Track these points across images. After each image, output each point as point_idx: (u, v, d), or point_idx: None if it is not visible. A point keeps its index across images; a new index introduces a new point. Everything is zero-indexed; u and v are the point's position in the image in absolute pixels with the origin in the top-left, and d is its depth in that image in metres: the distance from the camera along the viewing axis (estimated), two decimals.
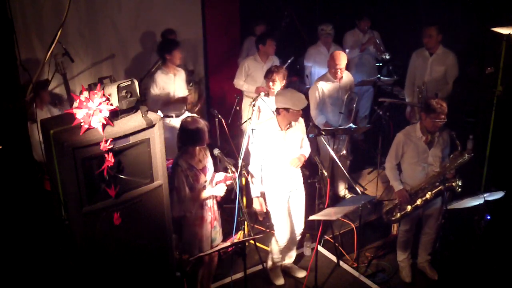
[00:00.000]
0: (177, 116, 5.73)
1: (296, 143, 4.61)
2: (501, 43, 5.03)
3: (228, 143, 6.05)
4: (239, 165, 4.55)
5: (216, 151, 4.29)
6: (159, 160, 3.58)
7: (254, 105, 5.24)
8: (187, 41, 6.88)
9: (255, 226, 5.66)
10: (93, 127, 3.25)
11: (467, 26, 6.10)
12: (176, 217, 4.06)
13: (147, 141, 3.49)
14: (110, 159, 3.30)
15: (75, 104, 3.24)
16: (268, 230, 5.40)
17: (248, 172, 4.57)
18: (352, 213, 4.96)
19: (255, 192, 4.61)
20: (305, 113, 6.66)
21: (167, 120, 5.60)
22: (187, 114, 5.82)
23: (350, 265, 5.13)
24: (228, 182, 4.25)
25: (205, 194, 4.13)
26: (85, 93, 3.25)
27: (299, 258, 5.13)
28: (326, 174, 5.22)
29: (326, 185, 5.67)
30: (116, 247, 3.49)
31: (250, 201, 5.09)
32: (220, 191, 4.19)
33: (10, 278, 3.13)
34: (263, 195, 4.64)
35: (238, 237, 5.15)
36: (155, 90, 5.59)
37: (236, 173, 4.22)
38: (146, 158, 3.53)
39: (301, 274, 4.94)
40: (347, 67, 5.83)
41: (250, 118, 5.33)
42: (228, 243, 3.98)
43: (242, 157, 4.64)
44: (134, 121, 3.43)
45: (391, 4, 7.65)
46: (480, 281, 4.69)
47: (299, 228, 4.82)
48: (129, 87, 3.39)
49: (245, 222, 5.03)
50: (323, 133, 5.17)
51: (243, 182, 5.12)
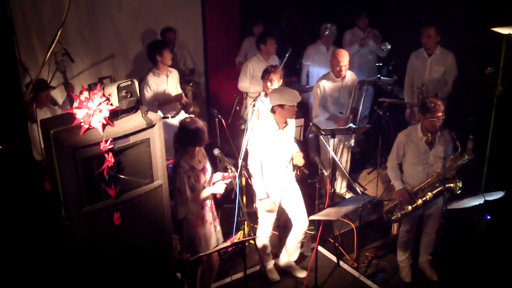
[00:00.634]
0: (172, 117, 5.74)
1: (290, 141, 4.64)
2: (501, 43, 5.03)
3: (228, 143, 6.06)
4: (239, 165, 4.56)
5: (216, 151, 4.28)
6: (159, 160, 3.58)
7: (254, 105, 5.24)
8: (187, 41, 6.90)
9: (255, 226, 5.66)
10: (93, 127, 3.24)
11: (467, 26, 6.10)
12: (179, 219, 4.06)
13: (147, 141, 3.49)
14: (110, 159, 3.30)
15: (75, 104, 3.24)
16: (271, 232, 5.40)
17: (249, 173, 4.56)
18: (352, 213, 4.96)
19: (262, 193, 4.58)
20: (306, 113, 6.72)
21: (165, 120, 5.61)
22: (182, 114, 5.83)
23: (350, 265, 5.13)
24: (227, 181, 4.25)
25: (205, 193, 4.13)
26: (85, 93, 3.25)
27: (299, 258, 5.13)
28: (326, 174, 5.22)
29: (326, 185, 5.69)
30: (116, 247, 3.49)
31: (250, 201, 5.09)
32: (220, 188, 4.17)
33: (10, 278, 3.13)
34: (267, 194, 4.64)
35: (238, 237, 5.15)
36: (148, 93, 5.61)
37: (236, 173, 4.21)
38: (146, 158, 3.53)
39: (302, 274, 4.94)
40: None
41: (250, 119, 5.33)
42: (228, 243, 3.98)
43: (242, 157, 4.65)
44: (134, 121, 3.43)
45: (391, 4, 7.65)
46: (480, 281, 4.69)
47: (303, 226, 4.77)
48: (129, 87, 3.39)
49: (245, 222, 5.04)
50: (323, 133, 5.17)
51: (243, 182, 5.12)
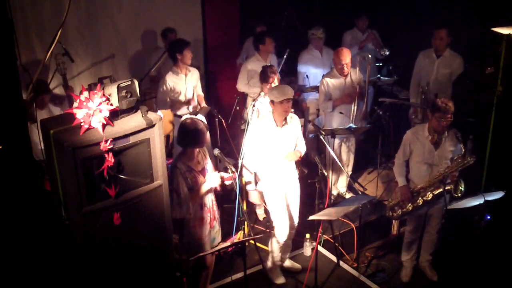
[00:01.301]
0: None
1: (291, 140, 4.63)
2: (501, 43, 5.03)
3: (228, 143, 6.06)
4: (239, 165, 4.56)
5: (216, 151, 4.29)
6: (159, 160, 3.58)
7: (254, 105, 5.24)
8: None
9: (255, 226, 5.67)
10: (93, 127, 3.24)
11: (467, 26, 6.10)
12: (177, 218, 4.06)
13: (147, 141, 3.49)
14: (110, 159, 3.30)
15: (75, 104, 3.24)
16: (268, 230, 5.40)
17: (241, 172, 4.57)
18: (352, 213, 4.96)
19: (250, 185, 4.64)
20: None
21: (178, 119, 5.59)
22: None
23: (350, 265, 5.13)
24: (226, 183, 4.24)
25: (202, 191, 4.12)
26: (85, 93, 3.25)
27: (299, 258, 5.13)
28: (326, 174, 5.22)
29: (326, 185, 5.69)
30: (116, 247, 3.49)
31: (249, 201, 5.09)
32: (214, 181, 4.14)
33: (10, 278, 3.13)
34: (259, 190, 4.67)
35: (238, 237, 5.15)
36: (163, 90, 5.60)
37: (236, 173, 4.21)
38: (146, 158, 3.53)
39: (297, 266, 4.99)
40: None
41: (250, 119, 5.34)
42: (228, 243, 3.98)
43: (242, 157, 4.65)
44: (134, 121, 3.43)
45: (391, 4, 7.66)
46: (480, 281, 4.69)
47: (293, 224, 4.82)
48: (129, 87, 3.39)
49: (245, 222, 5.04)
50: (323, 133, 5.18)
51: (243, 182, 5.12)
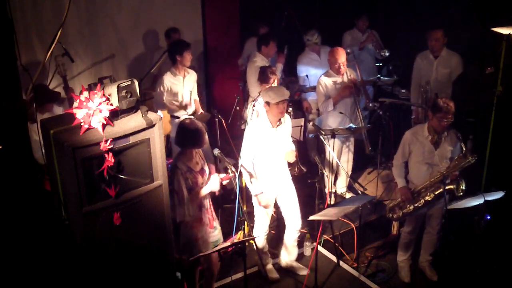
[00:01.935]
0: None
1: (285, 140, 4.65)
2: (501, 43, 5.03)
3: (228, 143, 6.06)
4: (239, 165, 4.56)
5: (216, 151, 4.28)
6: (159, 160, 3.58)
7: (254, 105, 5.24)
8: (187, 41, 6.89)
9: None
10: (93, 127, 3.24)
11: (467, 26, 6.10)
12: (179, 221, 4.05)
13: (147, 141, 3.49)
14: (110, 159, 3.30)
15: (75, 104, 3.24)
16: (268, 230, 5.40)
17: (240, 172, 4.57)
18: (352, 213, 4.96)
19: (256, 189, 4.61)
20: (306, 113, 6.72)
21: (176, 120, 5.60)
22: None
23: (350, 265, 5.13)
24: (226, 181, 4.24)
25: (202, 193, 4.12)
26: (85, 93, 3.25)
27: (299, 258, 5.13)
28: (326, 174, 5.23)
29: (326, 185, 5.69)
30: (116, 247, 3.49)
31: (249, 200, 5.09)
32: (215, 184, 4.16)
33: (10, 278, 3.13)
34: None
35: (238, 237, 5.14)
36: (160, 90, 5.60)
37: (236, 173, 4.21)
38: (146, 158, 3.53)
39: (303, 272, 4.95)
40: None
41: (250, 119, 5.34)
42: (228, 243, 3.98)
43: (241, 158, 4.64)
44: (134, 121, 3.43)
45: (391, 4, 7.65)
46: (480, 281, 4.69)
47: (296, 225, 4.81)
48: (129, 87, 3.38)
49: (245, 222, 5.04)
50: (323, 133, 5.18)
51: (243, 182, 5.12)
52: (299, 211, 4.79)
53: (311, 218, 4.43)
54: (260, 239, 4.81)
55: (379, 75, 6.66)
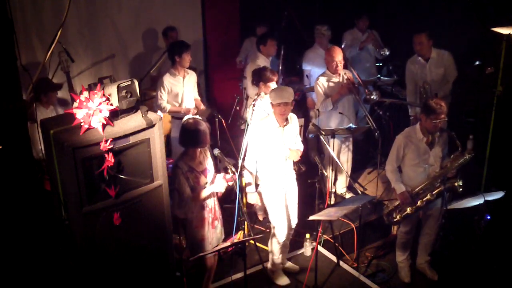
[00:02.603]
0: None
1: (292, 139, 4.66)
2: (501, 43, 5.03)
3: (228, 143, 6.06)
4: (239, 165, 4.56)
5: (216, 151, 4.28)
6: (159, 160, 3.58)
7: (254, 105, 5.24)
8: (187, 41, 6.88)
9: (255, 226, 5.67)
10: (93, 127, 3.25)
11: (467, 26, 6.10)
12: (179, 218, 4.05)
13: (147, 141, 3.50)
14: (110, 159, 3.30)
15: (75, 104, 3.24)
16: (268, 230, 5.40)
17: (241, 172, 4.58)
18: (352, 213, 4.96)
19: (250, 188, 4.65)
20: (306, 113, 6.73)
21: (177, 120, 5.60)
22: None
23: (350, 265, 5.13)
24: (229, 183, 4.24)
25: (205, 193, 4.13)
26: (85, 93, 3.25)
27: (299, 258, 5.13)
28: (326, 174, 5.23)
29: (326, 185, 5.69)
30: (116, 247, 3.49)
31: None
32: (220, 186, 4.17)
33: (10, 278, 3.13)
34: (258, 192, 4.69)
35: (238, 237, 5.15)
36: (162, 92, 5.60)
37: (236, 173, 4.21)
38: (146, 158, 3.53)
39: (295, 268, 4.98)
40: (347, 66, 5.83)
41: (250, 119, 5.34)
42: (228, 243, 3.98)
43: (242, 157, 4.65)
44: (134, 121, 3.43)
45: (391, 4, 7.65)
46: (480, 281, 4.69)
47: (292, 224, 4.83)
48: (129, 87, 3.39)
49: (245, 222, 5.03)
50: (323, 132, 5.17)
51: (243, 183, 5.12)
52: (296, 211, 4.80)
53: (311, 218, 4.42)
54: (276, 247, 4.77)
55: (379, 75, 6.66)
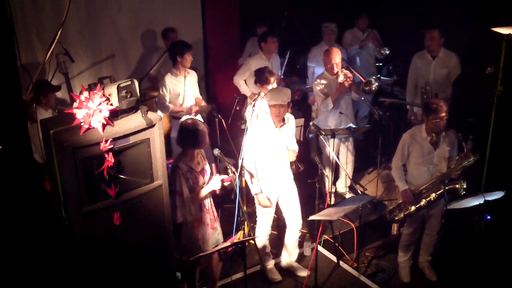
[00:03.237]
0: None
1: (288, 140, 4.67)
2: (501, 43, 5.03)
3: (228, 143, 6.06)
4: (239, 165, 4.56)
5: (216, 151, 4.28)
6: (159, 160, 3.58)
7: (254, 105, 5.24)
8: (187, 41, 6.89)
9: (255, 226, 5.66)
10: (93, 127, 3.25)
11: (467, 26, 6.10)
12: (178, 222, 4.05)
13: (147, 141, 3.49)
14: (110, 159, 3.30)
15: (75, 104, 3.24)
16: (269, 231, 5.40)
17: (241, 172, 4.57)
18: (352, 213, 4.96)
19: (256, 189, 4.62)
20: (306, 113, 6.73)
21: (177, 120, 5.59)
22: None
23: (350, 265, 5.13)
24: (227, 183, 4.24)
25: (203, 193, 4.12)
26: (85, 93, 3.25)
27: (299, 258, 5.13)
28: (326, 174, 5.22)
29: (326, 185, 5.69)
30: (116, 247, 3.49)
31: (249, 200, 5.09)
32: (216, 184, 4.16)
33: (10, 278, 3.13)
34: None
35: (238, 237, 5.14)
36: (163, 92, 5.59)
37: (236, 173, 4.21)
38: (146, 158, 3.53)
39: (303, 273, 4.94)
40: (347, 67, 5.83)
41: (250, 119, 5.34)
42: (228, 243, 3.98)
43: (242, 157, 4.65)
44: (134, 121, 3.43)
45: (391, 4, 7.66)
46: (480, 281, 4.69)
47: (297, 225, 4.82)
48: (129, 87, 3.39)
49: (245, 222, 5.04)
50: (323, 133, 5.17)
51: (243, 182, 5.12)
52: (300, 211, 4.79)
53: (311, 218, 4.43)
54: (261, 239, 4.81)
55: (379, 75, 6.66)
